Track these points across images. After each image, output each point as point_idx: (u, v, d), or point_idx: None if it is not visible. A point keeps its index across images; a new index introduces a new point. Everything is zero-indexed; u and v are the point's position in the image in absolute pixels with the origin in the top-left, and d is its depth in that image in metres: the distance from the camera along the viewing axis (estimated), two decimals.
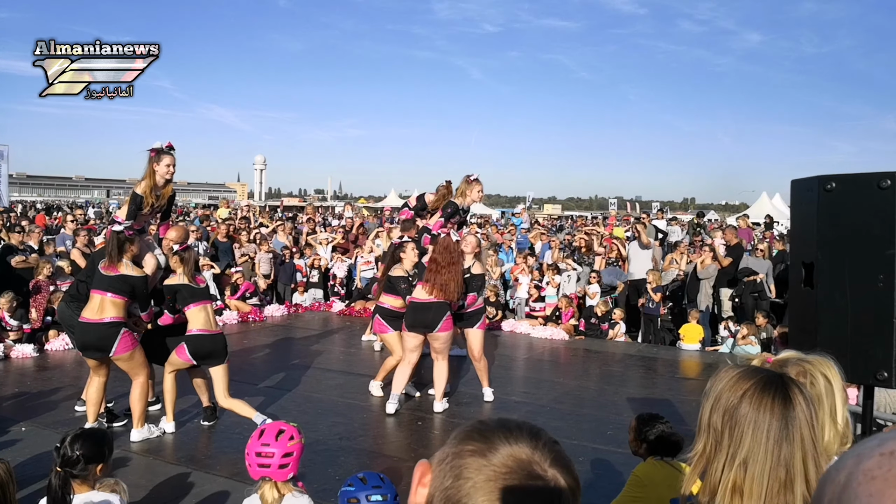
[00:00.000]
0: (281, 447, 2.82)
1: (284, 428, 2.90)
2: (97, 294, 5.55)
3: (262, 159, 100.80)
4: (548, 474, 0.85)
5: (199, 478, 4.93)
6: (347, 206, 22.89)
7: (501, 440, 0.87)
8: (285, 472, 2.82)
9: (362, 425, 6.38)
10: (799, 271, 2.78)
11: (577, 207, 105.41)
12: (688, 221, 19.76)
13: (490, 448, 0.86)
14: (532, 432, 0.89)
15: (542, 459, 0.86)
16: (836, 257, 2.63)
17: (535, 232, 15.85)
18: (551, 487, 0.84)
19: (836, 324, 2.64)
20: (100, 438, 3.01)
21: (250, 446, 2.83)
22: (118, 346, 5.50)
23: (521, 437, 0.87)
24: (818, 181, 2.67)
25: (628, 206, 49.03)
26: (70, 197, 60.86)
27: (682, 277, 11.52)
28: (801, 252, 2.87)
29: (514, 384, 7.92)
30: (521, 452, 0.86)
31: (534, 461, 0.85)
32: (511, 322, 11.65)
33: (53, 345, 8.96)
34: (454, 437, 0.91)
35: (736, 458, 1.34)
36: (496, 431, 0.89)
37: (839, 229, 2.63)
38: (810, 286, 2.73)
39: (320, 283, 13.36)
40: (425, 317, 6.56)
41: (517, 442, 0.87)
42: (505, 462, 0.85)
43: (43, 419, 6.19)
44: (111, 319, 5.50)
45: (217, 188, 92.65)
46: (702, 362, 9.54)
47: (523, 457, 0.85)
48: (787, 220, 25.48)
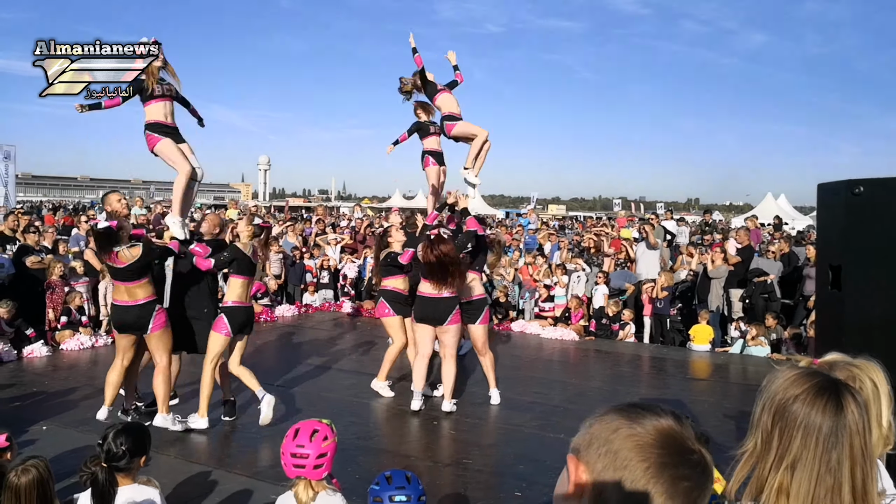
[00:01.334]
0: (315, 447, 2.85)
1: (318, 427, 2.92)
2: (120, 284, 5.88)
3: (266, 160, 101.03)
4: (696, 447, 0.92)
5: (221, 476, 4.97)
6: (356, 207, 22.95)
7: (651, 420, 0.93)
8: (320, 471, 2.85)
9: (378, 425, 6.43)
10: (826, 274, 2.81)
11: (580, 208, 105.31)
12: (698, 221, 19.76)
13: (644, 429, 0.92)
14: (672, 412, 0.95)
15: (689, 435, 0.92)
16: (864, 260, 2.67)
17: (545, 232, 15.87)
18: (701, 461, 0.91)
19: (863, 326, 2.67)
20: (140, 431, 3.10)
21: (285, 446, 2.86)
22: (153, 323, 5.88)
23: (666, 416, 0.94)
24: (846, 185, 2.70)
25: (632, 206, 48.95)
26: (75, 197, 60.95)
27: (692, 278, 11.52)
28: (827, 255, 2.90)
29: (526, 384, 7.95)
30: (672, 429, 0.92)
31: (685, 436, 0.92)
32: (521, 323, 11.68)
33: (68, 345, 9.02)
34: (601, 425, 0.95)
35: (784, 460, 1.34)
36: (643, 413, 0.94)
37: (867, 233, 2.66)
38: (837, 288, 2.76)
39: (331, 284, 13.41)
40: (435, 310, 6.63)
41: (665, 419, 0.93)
42: (664, 441, 0.91)
43: (62, 418, 6.25)
44: (145, 300, 5.88)
45: (221, 188, 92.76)
46: (712, 363, 9.56)
47: (676, 433, 0.91)
48: (793, 220, 25.49)
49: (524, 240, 15.43)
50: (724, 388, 8.31)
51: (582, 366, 9.44)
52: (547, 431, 6.16)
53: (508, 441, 5.89)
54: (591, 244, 13.05)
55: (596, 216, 35.31)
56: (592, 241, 13.19)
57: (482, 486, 4.94)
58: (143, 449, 3.03)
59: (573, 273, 12.08)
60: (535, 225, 18.23)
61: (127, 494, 2.90)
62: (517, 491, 4.83)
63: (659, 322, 11.12)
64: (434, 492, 4.64)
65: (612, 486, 0.91)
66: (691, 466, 0.90)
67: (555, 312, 11.61)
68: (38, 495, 2.77)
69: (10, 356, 8.40)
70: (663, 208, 22.48)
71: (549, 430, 6.20)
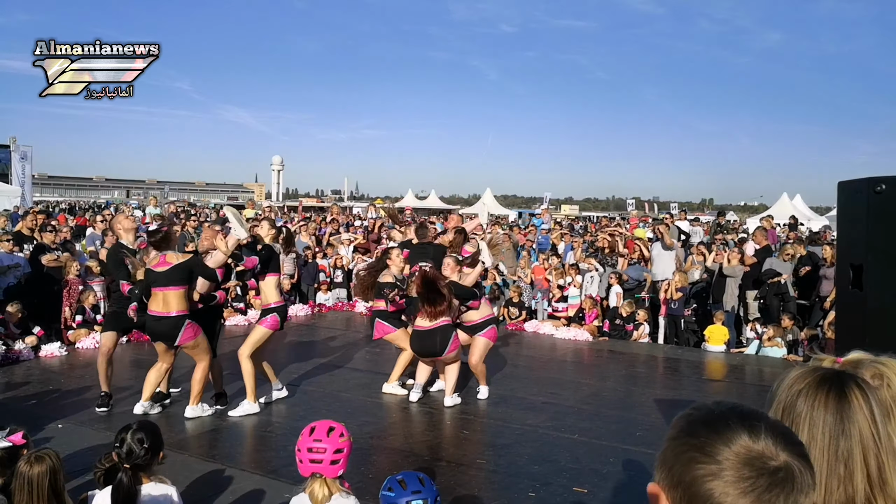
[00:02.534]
0: (332, 443, 2.86)
1: (334, 426, 2.94)
2: (158, 291, 6.04)
3: (279, 160, 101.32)
4: (781, 461, 0.86)
5: (235, 475, 4.98)
6: (370, 207, 22.99)
7: (723, 447, 0.87)
8: (336, 468, 2.85)
9: (391, 424, 6.42)
10: (847, 273, 2.77)
11: (594, 208, 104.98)
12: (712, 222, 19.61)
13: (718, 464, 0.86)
14: (743, 419, 0.89)
15: (769, 448, 0.87)
16: (887, 259, 2.62)
17: (558, 232, 15.82)
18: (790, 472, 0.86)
19: (885, 325, 2.62)
20: (154, 427, 3.13)
21: (301, 443, 2.88)
22: (182, 336, 6.06)
23: (738, 432, 0.88)
24: (867, 183, 2.65)
25: (646, 206, 48.69)
26: (91, 197, 61.48)
27: (707, 278, 11.44)
28: (848, 254, 2.86)
29: (539, 385, 7.91)
30: (748, 452, 0.86)
31: (765, 455, 0.86)
32: (534, 323, 11.65)
33: (84, 343, 9.08)
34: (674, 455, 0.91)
35: None
36: (713, 439, 0.88)
37: (889, 231, 2.61)
38: (859, 288, 2.72)
39: (344, 283, 13.43)
40: (433, 343, 6.69)
41: (738, 440, 0.87)
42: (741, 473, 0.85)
43: (78, 416, 6.29)
44: (177, 313, 6.04)
45: (235, 189, 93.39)
46: (727, 364, 9.48)
47: (754, 456, 0.86)
48: (808, 221, 25.26)
49: (537, 240, 15.39)
50: (739, 389, 8.24)
51: (596, 366, 9.39)
52: (561, 432, 6.12)
53: (523, 441, 5.87)
54: (605, 244, 12.99)
55: (609, 216, 35.17)
56: (606, 241, 13.12)
57: (496, 487, 4.92)
58: (160, 445, 3.06)
59: (586, 273, 12.03)
60: (549, 225, 18.18)
61: (146, 492, 2.92)
62: (531, 491, 4.81)
63: (673, 323, 11.05)
64: (447, 493, 4.62)
65: None
66: (779, 489, 0.85)
67: (568, 313, 11.57)
68: (49, 484, 2.79)
69: (29, 355, 8.48)
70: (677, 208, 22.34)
71: (563, 430, 6.17)
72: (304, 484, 2.91)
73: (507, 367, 8.70)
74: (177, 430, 5.97)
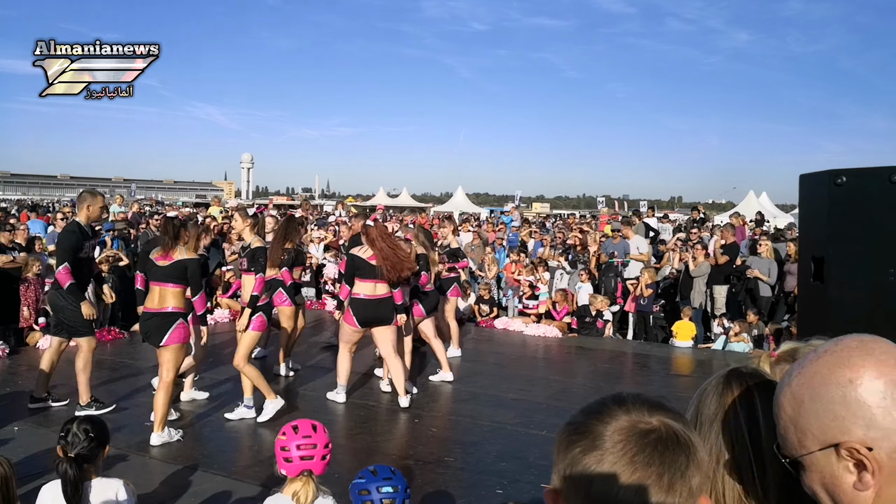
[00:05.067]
0: (321, 439, 2.78)
1: (316, 424, 2.86)
2: (156, 286, 5.67)
3: (249, 157, 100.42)
4: (653, 423, 0.87)
5: (197, 476, 4.88)
6: (339, 205, 22.86)
7: (596, 423, 0.88)
8: (325, 464, 2.80)
9: (359, 424, 6.35)
10: (808, 266, 2.78)
11: (565, 206, 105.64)
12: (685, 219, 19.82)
13: (591, 437, 0.87)
14: (616, 399, 0.91)
15: (639, 415, 0.88)
16: (848, 252, 2.64)
17: (527, 230, 15.85)
18: (664, 432, 0.87)
19: (847, 319, 2.63)
20: (101, 421, 3.07)
21: (288, 442, 2.74)
22: (170, 336, 5.57)
23: (609, 409, 0.89)
24: (828, 175, 2.67)
25: (616, 204, 49.08)
26: (55, 196, 60.23)
27: (675, 275, 11.54)
28: (810, 247, 2.87)
29: (509, 382, 7.90)
30: (619, 422, 0.87)
31: (634, 421, 0.87)
32: (504, 319, 11.65)
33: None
34: (558, 451, 0.91)
35: None
36: (587, 420, 0.90)
37: (850, 223, 2.63)
38: (820, 280, 2.73)
39: (312, 282, 13.29)
40: (377, 312, 6.57)
41: (609, 415, 0.89)
42: (613, 441, 0.86)
43: (35, 418, 6.12)
44: (172, 309, 5.63)
45: (204, 186, 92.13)
46: (694, 359, 9.57)
47: (624, 424, 0.87)
48: (774, 218, 25.66)
49: (507, 237, 15.41)
50: None
51: (565, 363, 9.42)
52: (530, 429, 6.11)
53: (491, 439, 5.84)
54: (577, 241, 13.04)
55: (580, 214, 35.38)
56: (577, 238, 13.18)
57: (464, 485, 4.89)
58: (105, 439, 2.99)
59: (556, 270, 12.07)
60: (518, 222, 18.22)
61: (94, 487, 2.84)
62: (499, 489, 4.78)
63: (642, 319, 11.13)
64: (416, 491, 4.57)
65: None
66: (651, 448, 0.85)
67: (538, 310, 11.59)
68: (0, 493, 2.70)
69: None
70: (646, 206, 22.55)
71: (532, 427, 6.16)
72: (282, 486, 2.81)
73: (476, 364, 8.68)
74: (137, 431, 5.82)
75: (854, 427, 0.91)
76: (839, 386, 0.93)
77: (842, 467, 0.92)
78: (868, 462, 0.90)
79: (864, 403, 0.91)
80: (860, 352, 0.95)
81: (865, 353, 0.94)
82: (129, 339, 9.64)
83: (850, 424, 0.91)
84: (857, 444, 0.90)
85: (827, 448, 0.93)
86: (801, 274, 3.01)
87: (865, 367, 0.93)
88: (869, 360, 0.93)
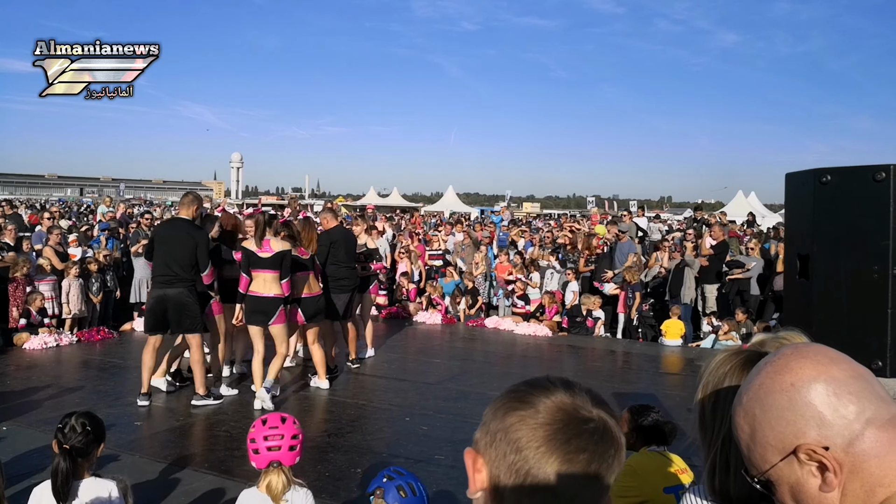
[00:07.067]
0: (288, 430, 2.86)
1: (286, 416, 2.95)
2: (259, 273, 6.53)
3: (238, 157, 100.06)
4: (593, 414, 0.90)
5: (187, 475, 4.88)
6: (327, 204, 22.82)
7: (541, 397, 0.90)
8: (294, 454, 2.84)
9: (350, 422, 6.36)
10: (794, 263, 2.81)
11: (555, 206, 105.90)
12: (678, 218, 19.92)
13: (534, 409, 0.89)
14: (563, 382, 0.93)
15: (584, 402, 0.90)
16: (832, 249, 2.67)
17: (516, 230, 15.89)
18: (599, 428, 0.89)
19: (831, 315, 2.67)
20: (98, 418, 3.04)
21: (255, 433, 2.83)
22: (277, 317, 6.56)
23: (556, 389, 0.91)
24: (813, 174, 2.71)
25: (606, 204, 49.26)
26: (43, 195, 59.83)
27: (664, 273, 11.60)
28: (796, 244, 2.91)
29: (499, 380, 7.91)
30: (563, 402, 0.90)
31: (577, 406, 0.90)
32: (494, 319, 11.69)
33: (31, 344, 8.80)
34: (493, 412, 0.93)
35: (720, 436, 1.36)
36: (532, 392, 0.92)
37: (834, 221, 2.66)
38: (805, 277, 2.76)
39: None
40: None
41: (555, 393, 0.91)
42: (554, 416, 0.88)
43: (24, 419, 6.08)
44: (275, 295, 6.55)
45: (193, 186, 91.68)
46: (683, 357, 9.63)
47: (567, 406, 0.89)
48: (762, 218, 25.82)
49: (497, 237, 15.45)
50: (694, 382, 8.34)
51: (555, 361, 9.45)
52: None
53: None
54: (567, 241, 13.09)
55: (570, 214, 35.48)
56: (567, 237, 13.22)
57: (454, 483, 4.89)
58: (101, 435, 2.97)
59: (546, 270, 12.11)
60: (508, 222, 18.27)
61: (86, 486, 2.82)
62: None
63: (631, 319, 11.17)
64: None
65: (505, 473, 0.88)
66: (588, 436, 0.87)
67: (528, 310, 11.62)
68: None
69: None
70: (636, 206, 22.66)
71: None
72: (258, 478, 2.85)
73: (467, 363, 8.70)
74: (127, 431, 5.82)
75: (807, 428, 0.92)
76: (783, 392, 0.95)
77: (805, 473, 0.93)
78: (828, 462, 0.91)
79: (809, 404, 0.93)
80: (796, 356, 0.98)
81: (800, 357, 0.97)
82: (119, 339, 9.60)
83: (802, 426, 0.93)
84: (813, 445, 0.92)
85: (787, 456, 0.94)
86: (787, 271, 3.05)
87: (804, 370, 0.95)
88: (805, 363, 0.96)
